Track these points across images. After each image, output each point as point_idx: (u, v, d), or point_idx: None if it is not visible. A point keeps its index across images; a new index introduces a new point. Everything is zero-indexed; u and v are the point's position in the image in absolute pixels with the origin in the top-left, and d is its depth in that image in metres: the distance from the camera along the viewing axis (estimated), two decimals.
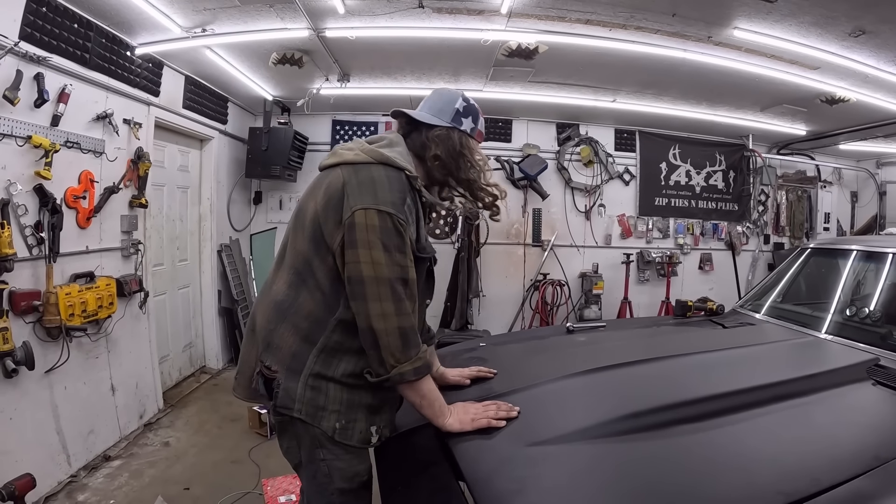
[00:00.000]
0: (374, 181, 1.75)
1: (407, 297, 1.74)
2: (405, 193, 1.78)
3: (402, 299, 1.72)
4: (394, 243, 1.71)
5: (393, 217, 1.70)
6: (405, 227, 1.73)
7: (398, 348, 1.71)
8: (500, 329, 7.38)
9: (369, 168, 1.78)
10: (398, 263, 1.72)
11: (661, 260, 7.73)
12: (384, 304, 1.70)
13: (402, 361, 1.72)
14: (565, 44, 4.58)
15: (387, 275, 1.70)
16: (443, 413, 1.84)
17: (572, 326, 3.32)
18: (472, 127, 2.00)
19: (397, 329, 1.71)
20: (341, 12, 4.02)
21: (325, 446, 1.82)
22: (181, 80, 5.45)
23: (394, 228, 1.71)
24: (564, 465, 1.65)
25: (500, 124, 7.61)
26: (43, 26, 3.54)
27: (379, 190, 1.73)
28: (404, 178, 1.81)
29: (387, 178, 1.77)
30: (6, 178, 3.28)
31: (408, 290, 1.75)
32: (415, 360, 1.74)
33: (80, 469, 3.93)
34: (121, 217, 4.48)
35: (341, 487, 1.85)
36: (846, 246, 3.38)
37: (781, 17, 3.98)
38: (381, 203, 1.71)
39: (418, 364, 1.75)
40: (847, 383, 2.21)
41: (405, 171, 1.82)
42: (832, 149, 8.33)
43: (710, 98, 6.29)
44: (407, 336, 1.73)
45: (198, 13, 4.11)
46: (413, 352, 1.74)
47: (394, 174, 1.79)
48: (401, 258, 1.73)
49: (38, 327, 3.53)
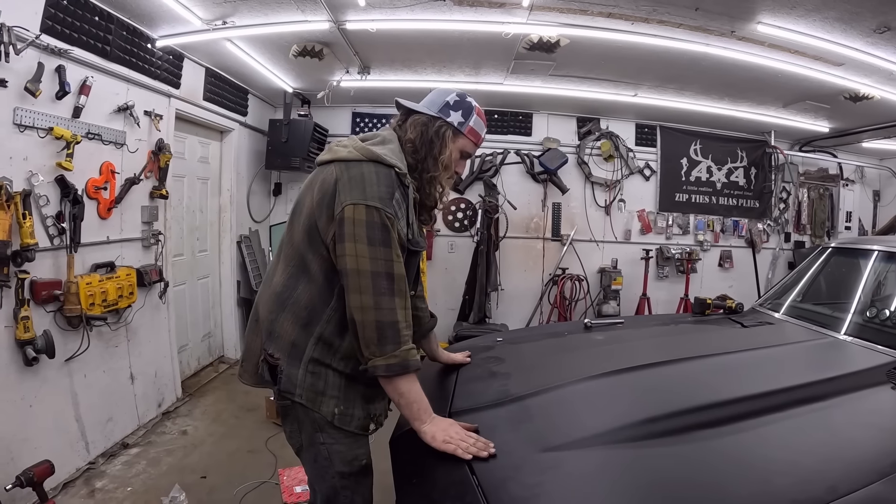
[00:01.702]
0: (364, 178, 1.79)
1: (390, 291, 1.75)
2: (393, 189, 1.81)
3: (384, 293, 1.74)
4: (379, 237, 1.74)
5: (380, 212, 1.74)
6: (393, 222, 1.76)
7: (373, 341, 1.74)
8: (519, 323, 7.38)
9: (360, 165, 1.81)
10: (382, 258, 1.74)
11: (680, 256, 7.65)
12: (364, 297, 1.73)
13: (376, 355, 1.74)
14: (587, 37, 4.53)
15: (369, 268, 1.73)
16: (420, 417, 1.82)
17: (590, 323, 3.31)
18: (460, 121, 1.98)
19: (374, 322, 1.72)
20: (362, 5, 4.02)
21: (325, 430, 1.89)
22: (202, 73, 5.48)
23: (380, 223, 1.74)
24: (578, 472, 1.63)
25: (520, 118, 7.56)
26: (64, 19, 3.56)
27: (368, 186, 1.77)
28: (393, 174, 1.83)
29: (376, 175, 1.80)
30: (28, 168, 3.33)
31: (394, 285, 1.76)
32: (389, 357, 1.74)
33: (98, 456, 3.99)
34: (141, 208, 4.53)
35: (341, 471, 1.93)
36: (868, 246, 3.32)
37: (805, 12, 3.91)
38: (370, 198, 1.75)
39: (392, 361, 1.74)
40: (866, 387, 2.17)
41: (395, 167, 1.84)
42: (855, 147, 8.16)
43: (733, 93, 6.20)
44: (384, 331, 1.73)
45: (218, 5, 4.12)
46: (389, 348, 1.74)
47: (383, 171, 1.82)
48: (385, 252, 1.75)
49: (58, 316, 3.58)
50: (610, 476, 1.64)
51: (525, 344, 3.18)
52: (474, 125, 2.01)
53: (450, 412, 2.07)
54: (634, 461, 1.66)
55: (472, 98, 2.05)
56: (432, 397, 1.95)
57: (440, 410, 2.02)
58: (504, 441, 1.79)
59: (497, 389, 2.25)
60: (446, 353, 2.69)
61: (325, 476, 1.95)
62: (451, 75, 5.96)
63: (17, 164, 3.26)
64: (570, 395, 2.12)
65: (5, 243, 3.05)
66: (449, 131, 1.97)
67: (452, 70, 5.84)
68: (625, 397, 2.11)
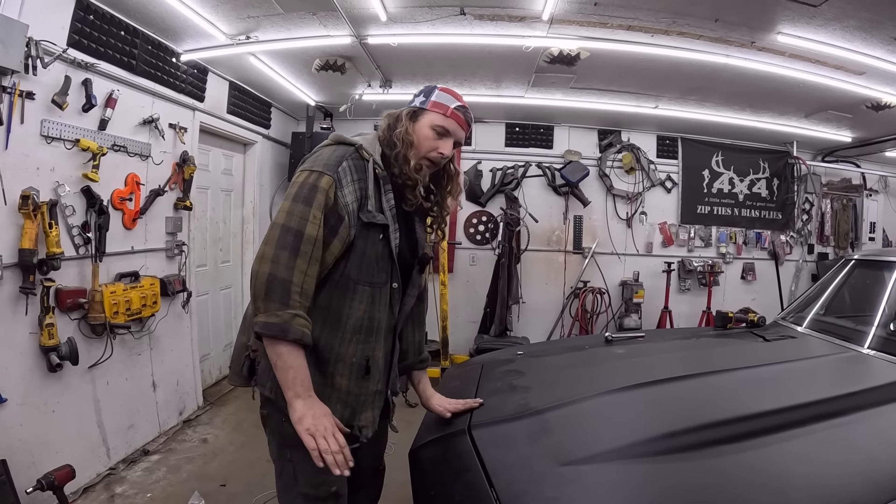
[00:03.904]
0: (320, 153, 1.85)
1: (293, 249, 1.66)
2: (343, 158, 1.81)
3: (285, 248, 1.66)
4: (303, 194, 1.72)
5: (316, 174, 1.75)
6: (330, 185, 1.74)
7: (260, 295, 1.64)
8: (540, 336, 7.34)
9: (322, 147, 1.88)
10: (298, 214, 1.69)
11: (702, 269, 7.58)
12: (266, 247, 1.68)
13: (260, 311, 1.64)
14: (607, 50, 4.54)
15: (282, 221, 1.70)
16: (294, 388, 1.64)
17: (611, 336, 3.31)
18: (421, 101, 1.97)
19: (266, 274, 1.64)
20: (383, 20, 4.06)
21: (294, 447, 1.71)
22: (225, 86, 5.57)
23: (311, 183, 1.74)
24: (597, 486, 1.63)
25: (541, 130, 7.57)
26: (90, 33, 3.65)
27: (317, 158, 1.82)
28: (352, 150, 1.85)
29: (331, 150, 1.84)
30: (55, 179, 3.40)
31: (300, 244, 1.67)
32: (271, 315, 1.61)
33: (118, 462, 4.04)
34: (166, 219, 4.59)
35: (305, 493, 1.82)
36: (891, 258, 3.28)
37: (825, 21, 3.89)
38: (315, 165, 1.78)
39: (272, 320, 1.61)
40: (889, 401, 2.13)
41: (355, 144, 1.86)
42: (878, 156, 8.06)
43: (754, 104, 6.16)
44: (272, 285, 1.63)
45: (242, 21, 4.19)
46: (274, 305, 1.62)
47: (340, 148, 1.86)
48: (302, 209, 1.70)
49: (83, 324, 3.64)
50: (628, 491, 1.63)
51: (545, 357, 3.18)
52: (437, 98, 1.96)
53: (470, 425, 2.06)
54: (653, 476, 1.65)
55: (437, 84, 2.05)
56: None
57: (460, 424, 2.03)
58: (523, 455, 1.80)
59: (517, 403, 2.25)
60: (442, 398, 2.30)
61: (288, 493, 1.87)
62: (473, 88, 5.99)
63: (45, 175, 3.33)
64: (589, 409, 2.12)
65: (32, 252, 3.12)
66: (407, 111, 1.96)
67: (473, 83, 5.87)
68: (645, 412, 2.10)
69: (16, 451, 3.12)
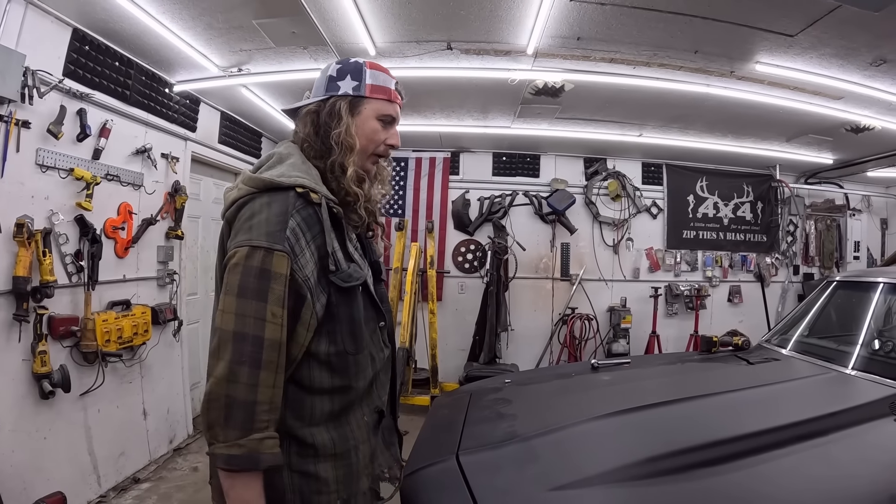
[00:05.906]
0: (253, 215, 1.42)
1: (253, 361, 1.32)
2: (287, 216, 1.42)
3: (244, 362, 1.31)
4: (253, 286, 1.35)
5: (262, 252, 1.36)
6: (284, 263, 1.38)
7: (218, 423, 1.31)
8: (529, 363, 7.36)
9: (252, 202, 1.46)
10: (252, 314, 1.33)
11: (689, 293, 7.65)
12: (218, 365, 1.32)
13: (218, 439, 1.31)
14: (591, 82, 4.65)
15: (231, 327, 1.33)
16: None
17: (597, 363, 3.34)
18: (354, 85, 1.61)
19: (223, 398, 1.30)
20: (372, 54, 4.14)
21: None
22: (217, 116, 5.64)
23: (258, 267, 1.35)
24: None
25: (528, 159, 7.67)
26: (86, 64, 3.72)
27: (255, 224, 1.41)
28: (292, 197, 1.45)
29: (266, 207, 1.43)
30: (49, 208, 3.44)
31: (261, 354, 1.33)
32: (231, 445, 1.29)
33: (109, 490, 4.02)
34: (157, 247, 4.63)
35: None
36: (871, 279, 3.36)
37: (802, 50, 4.00)
38: (255, 238, 1.38)
39: (235, 452, 1.29)
40: (869, 420, 2.20)
41: (294, 187, 1.47)
42: (860, 176, 8.19)
43: (736, 130, 6.28)
44: (232, 411, 1.30)
45: (234, 53, 4.27)
46: (234, 433, 1.29)
47: (277, 198, 1.45)
48: (257, 307, 1.34)
49: (75, 352, 3.65)
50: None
51: (533, 385, 3.22)
52: (372, 80, 1.63)
53: (458, 451, 2.10)
54: (639, 499, 1.70)
55: (357, 58, 1.70)
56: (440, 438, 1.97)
57: (448, 451, 2.06)
58: (511, 480, 1.83)
59: (504, 430, 2.29)
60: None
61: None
62: (460, 119, 6.10)
63: (39, 203, 3.37)
64: (575, 435, 2.16)
65: (25, 279, 3.16)
66: (342, 103, 1.59)
67: (461, 114, 5.97)
68: (629, 437, 2.14)
69: (7, 477, 3.12)
